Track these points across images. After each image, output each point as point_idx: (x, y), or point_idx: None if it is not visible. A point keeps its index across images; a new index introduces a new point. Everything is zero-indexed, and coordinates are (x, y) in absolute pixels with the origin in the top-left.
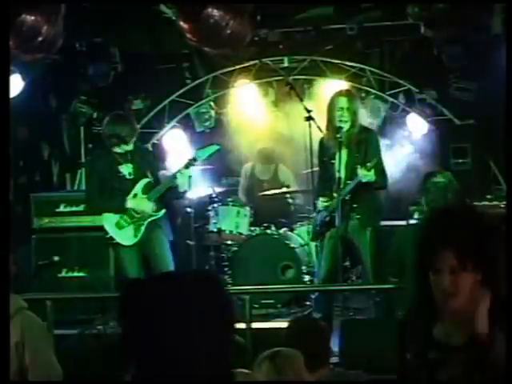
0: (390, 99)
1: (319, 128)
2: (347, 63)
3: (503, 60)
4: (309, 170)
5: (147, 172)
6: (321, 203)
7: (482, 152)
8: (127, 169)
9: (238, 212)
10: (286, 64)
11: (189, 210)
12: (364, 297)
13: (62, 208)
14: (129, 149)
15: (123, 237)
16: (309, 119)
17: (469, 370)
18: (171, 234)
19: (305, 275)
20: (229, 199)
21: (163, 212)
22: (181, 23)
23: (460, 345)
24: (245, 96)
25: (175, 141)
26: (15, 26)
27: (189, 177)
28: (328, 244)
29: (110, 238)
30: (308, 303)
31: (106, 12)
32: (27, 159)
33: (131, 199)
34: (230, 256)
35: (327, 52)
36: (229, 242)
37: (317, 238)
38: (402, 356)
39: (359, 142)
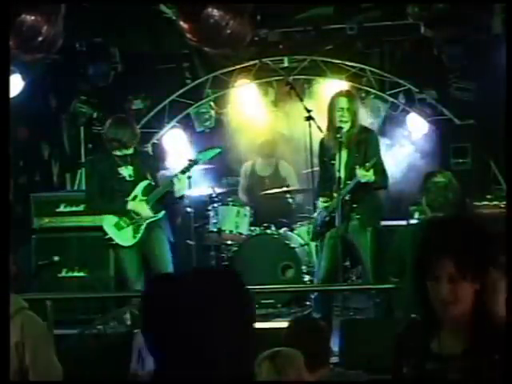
0: (390, 99)
1: (319, 128)
2: (347, 63)
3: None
4: (309, 170)
5: (147, 174)
6: (321, 203)
7: (482, 152)
8: (127, 171)
9: (238, 212)
10: (286, 64)
11: (189, 210)
12: (364, 297)
13: (62, 208)
14: (129, 152)
15: (122, 238)
16: (309, 119)
17: (467, 379)
18: (171, 235)
19: (305, 275)
20: (229, 199)
21: (163, 213)
22: (181, 23)
23: (458, 353)
24: (245, 96)
25: (175, 141)
26: (15, 26)
27: (188, 177)
28: (328, 244)
29: (109, 239)
30: (308, 303)
31: (106, 12)
32: (27, 159)
33: (131, 201)
34: (230, 256)
35: (327, 52)
36: (229, 242)
37: (317, 238)
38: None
39: (359, 142)
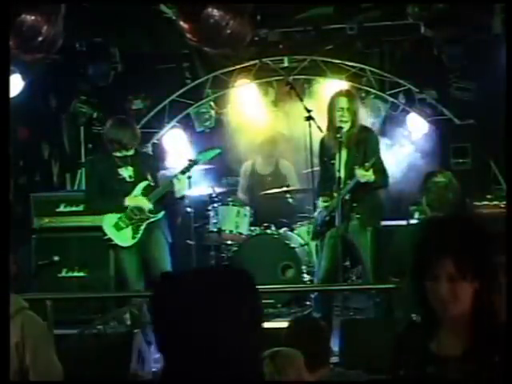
0: (390, 99)
1: (319, 128)
2: (347, 63)
3: (503, 60)
4: (309, 170)
5: (147, 175)
6: (321, 203)
7: (482, 152)
8: (127, 172)
9: (238, 212)
10: (286, 64)
11: (189, 210)
12: (364, 297)
13: (62, 208)
14: (129, 154)
15: (121, 238)
16: (309, 119)
17: (467, 379)
18: (170, 236)
19: (305, 275)
20: (229, 199)
21: (162, 214)
22: (181, 23)
23: (458, 353)
24: (245, 96)
25: (175, 141)
26: (15, 26)
27: (188, 177)
28: (328, 244)
29: (109, 240)
30: (308, 303)
31: (106, 12)
32: (27, 159)
33: (130, 198)
34: (230, 256)
35: (327, 52)
36: (229, 242)
37: (317, 238)
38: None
39: (359, 142)
